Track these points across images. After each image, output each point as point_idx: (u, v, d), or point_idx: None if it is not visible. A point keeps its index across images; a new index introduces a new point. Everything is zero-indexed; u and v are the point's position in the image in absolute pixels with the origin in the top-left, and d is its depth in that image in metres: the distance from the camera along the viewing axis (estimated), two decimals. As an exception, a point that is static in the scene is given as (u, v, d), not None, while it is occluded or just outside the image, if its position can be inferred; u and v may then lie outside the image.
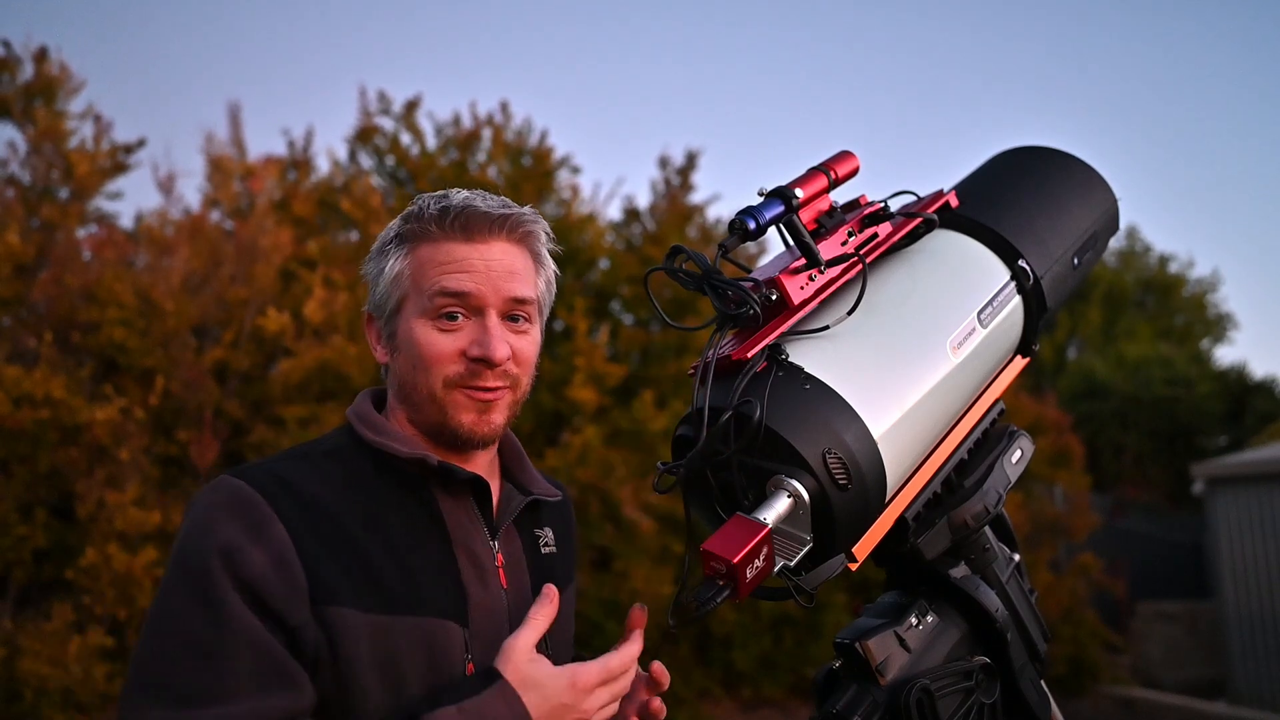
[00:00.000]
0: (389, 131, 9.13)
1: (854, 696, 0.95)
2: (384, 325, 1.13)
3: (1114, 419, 17.04)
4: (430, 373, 1.06)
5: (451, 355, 1.06)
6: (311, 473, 1.04)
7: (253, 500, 0.97)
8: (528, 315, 1.11)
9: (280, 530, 0.96)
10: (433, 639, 1.00)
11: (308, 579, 0.95)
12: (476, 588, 1.06)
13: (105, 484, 5.49)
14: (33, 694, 4.91)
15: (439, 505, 1.08)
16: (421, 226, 1.09)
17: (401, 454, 1.06)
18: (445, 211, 1.08)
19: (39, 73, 6.83)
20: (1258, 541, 9.13)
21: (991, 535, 1.10)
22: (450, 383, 1.06)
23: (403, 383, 1.10)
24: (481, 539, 1.09)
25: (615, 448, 7.34)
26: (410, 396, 1.09)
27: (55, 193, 6.77)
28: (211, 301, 6.64)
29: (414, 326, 1.07)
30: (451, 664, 1.00)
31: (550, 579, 1.15)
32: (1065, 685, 8.75)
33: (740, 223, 0.94)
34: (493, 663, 0.99)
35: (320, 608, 0.95)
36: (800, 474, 0.85)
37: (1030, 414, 9.54)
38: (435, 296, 1.06)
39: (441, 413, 1.07)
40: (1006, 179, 1.23)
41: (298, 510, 0.98)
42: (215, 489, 1.00)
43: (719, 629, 7.72)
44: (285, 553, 0.95)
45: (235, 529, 0.95)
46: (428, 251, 1.08)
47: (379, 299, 1.12)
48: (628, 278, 8.80)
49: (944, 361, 1.00)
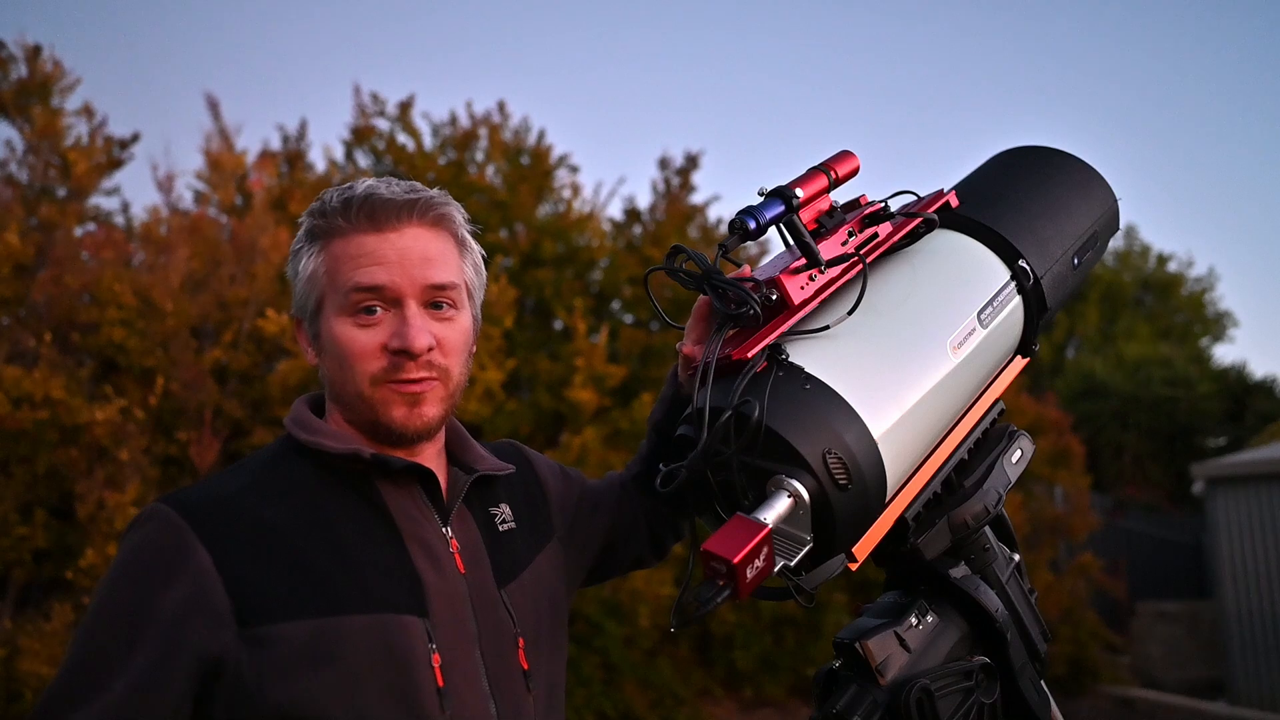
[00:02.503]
0: (385, 132, 9.13)
1: (854, 696, 0.95)
2: (308, 327, 1.10)
3: (1114, 419, 17.04)
4: (355, 371, 1.04)
5: (373, 351, 1.03)
6: (248, 486, 1.02)
7: (176, 530, 0.95)
8: (451, 301, 1.08)
9: (203, 558, 0.94)
10: (389, 635, 0.97)
11: (233, 601, 0.93)
12: (432, 576, 1.03)
13: (105, 484, 5.48)
14: (33, 694, 4.91)
15: (384, 498, 1.06)
16: (328, 222, 1.06)
17: (335, 450, 1.04)
18: (348, 203, 1.05)
19: (33, 70, 6.81)
20: (1258, 541, 9.13)
21: (991, 535, 1.10)
22: (376, 379, 1.04)
23: (332, 383, 1.08)
24: (433, 527, 1.07)
25: (615, 449, 7.34)
26: (341, 396, 1.07)
27: (53, 191, 6.76)
28: (211, 301, 6.64)
29: (334, 325, 1.05)
30: (415, 658, 0.98)
31: (512, 558, 1.14)
32: (1065, 685, 8.76)
33: (740, 222, 0.94)
34: (457, 651, 0.99)
35: (250, 629, 0.93)
36: (800, 474, 0.85)
37: (1030, 414, 9.54)
38: (350, 293, 1.03)
39: (372, 410, 1.05)
40: (1007, 179, 1.23)
41: (228, 529, 0.97)
42: (144, 521, 0.98)
43: (719, 629, 7.72)
44: (205, 581, 0.93)
45: (153, 569, 0.94)
46: (339, 247, 1.05)
47: (299, 301, 1.10)
48: (628, 278, 8.80)
49: (944, 361, 1.00)
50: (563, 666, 1.19)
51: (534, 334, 8.71)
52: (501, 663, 1.06)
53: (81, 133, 6.87)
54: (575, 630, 6.85)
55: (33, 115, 6.66)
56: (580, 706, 6.61)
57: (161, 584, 0.93)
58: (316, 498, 1.03)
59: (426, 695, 0.97)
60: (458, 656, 1.02)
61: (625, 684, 6.97)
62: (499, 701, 1.04)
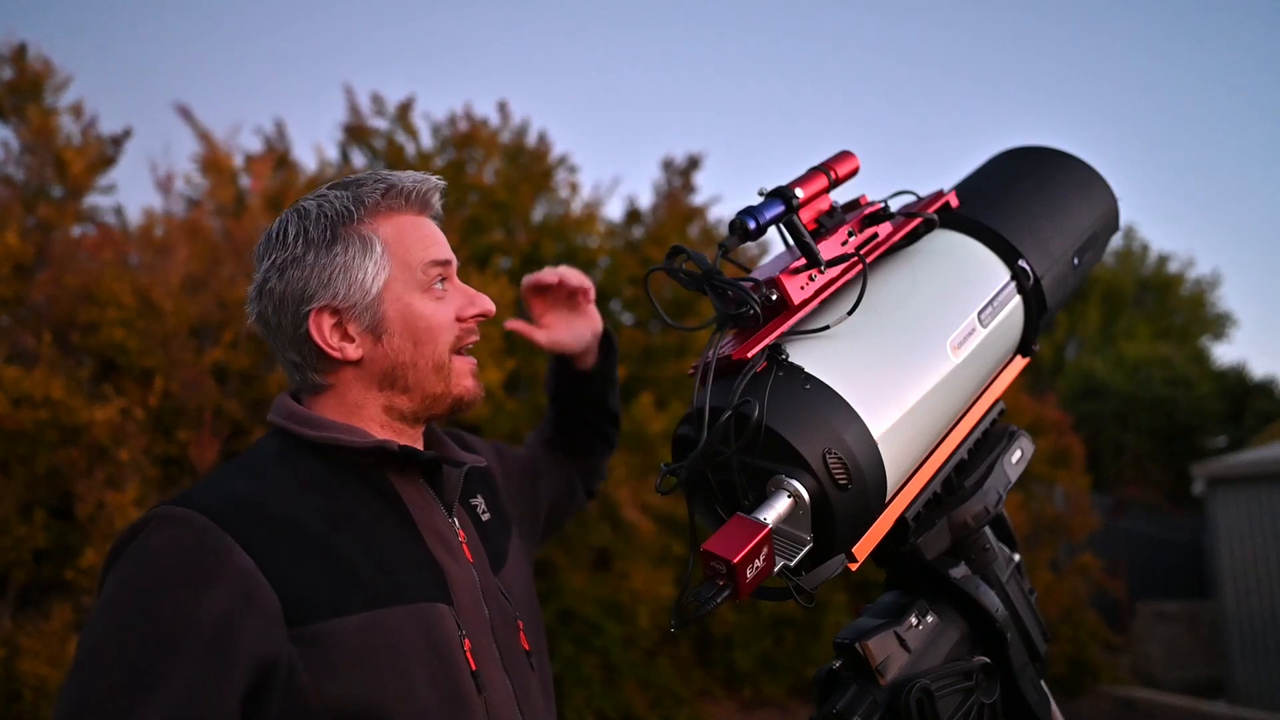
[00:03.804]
0: (384, 131, 9.12)
1: (854, 696, 0.95)
2: (361, 314, 1.06)
3: (1114, 419, 17.04)
4: (437, 343, 1.08)
5: (449, 322, 1.10)
6: (264, 485, 1.00)
7: (205, 532, 0.91)
8: None
9: (242, 559, 0.90)
10: (428, 623, 0.99)
11: (281, 601, 0.90)
12: (451, 565, 1.05)
13: (105, 484, 5.48)
14: (33, 694, 4.91)
15: (396, 490, 1.06)
16: (376, 205, 1.08)
17: (358, 445, 1.03)
18: (393, 188, 1.09)
19: (21, 70, 6.76)
20: (1258, 541, 9.13)
21: (991, 535, 1.10)
22: (453, 349, 1.09)
23: (396, 366, 1.07)
24: (441, 516, 1.09)
25: (615, 448, 7.33)
26: (405, 378, 1.07)
27: (49, 191, 6.75)
28: (210, 301, 6.63)
29: (413, 303, 1.07)
30: (450, 644, 1.00)
31: (498, 546, 1.19)
32: (1065, 685, 8.76)
33: (740, 223, 0.94)
34: (480, 637, 1.03)
35: (299, 628, 0.91)
36: (800, 474, 0.85)
37: (1030, 414, 9.54)
38: (428, 267, 1.08)
39: (447, 382, 1.09)
40: (1007, 179, 1.23)
41: (258, 529, 0.94)
42: (159, 524, 0.92)
43: (719, 629, 7.73)
44: (249, 583, 0.89)
45: (189, 573, 0.88)
46: (394, 228, 1.09)
47: (348, 292, 1.05)
48: (628, 278, 8.79)
49: (944, 361, 1.00)
50: (545, 645, 1.24)
51: (534, 334, 8.68)
52: (510, 645, 1.10)
53: (72, 131, 6.85)
54: (575, 630, 6.85)
55: (28, 115, 6.64)
56: (580, 706, 6.61)
57: (202, 588, 0.88)
58: (334, 493, 1.03)
59: (464, 679, 1.00)
60: (481, 642, 1.04)
61: (625, 684, 6.97)
62: (514, 681, 1.07)
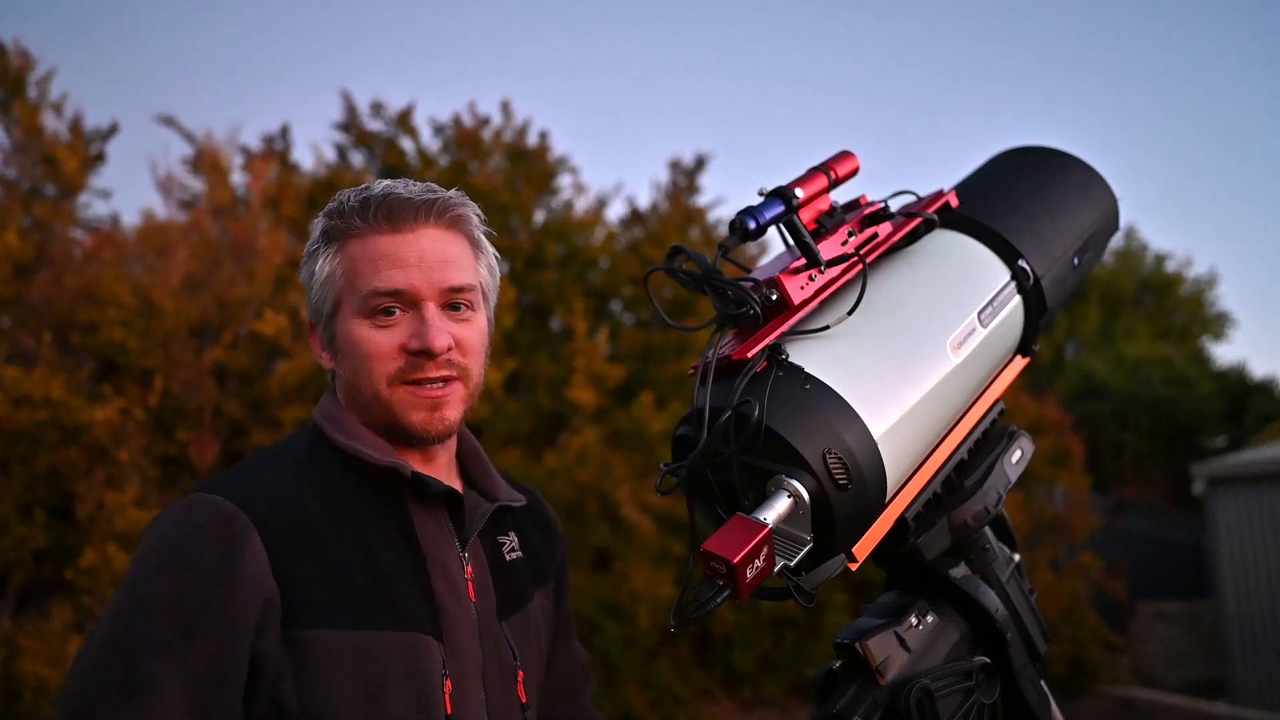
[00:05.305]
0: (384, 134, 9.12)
1: (854, 696, 0.95)
2: (323, 330, 1.08)
3: (1114, 419, 17.04)
4: (372, 372, 1.03)
5: (390, 351, 1.03)
6: (288, 481, 1.01)
7: (229, 516, 0.93)
8: (469, 303, 1.07)
9: (259, 547, 0.92)
10: (414, 654, 0.97)
11: (282, 600, 0.91)
12: (450, 602, 1.03)
13: (105, 484, 5.49)
14: (33, 694, 4.91)
15: (410, 516, 1.05)
16: (345, 223, 1.05)
17: (375, 461, 1.03)
18: (366, 204, 1.04)
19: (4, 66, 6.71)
20: (1258, 541, 9.13)
21: (991, 535, 1.09)
22: (393, 380, 1.03)
23: (349, 386, 1.07)
24: (453, 552, 1.06)
25: (614, 449, 7.34)
26: (358, 399, 1.06)
27: (43, 190, 6.73)
28: (210, 302, 6.63)
29: (351, 328, 1.04)
30: (430, 680, 0.98)
31: (517, 587, 1.14)
32: (1065, 685, 8.76)
33: (740, 223, 0.94)
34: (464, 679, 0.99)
35: (292, 631, 0.91)
36: (800, 474, 0.85)
37: (1030, 414, 9.54)
38: (369, 297, 1.02)
39: (390, 412, 1.04)
40: (1006, 179, 1.23)
41: (279, 525, 0.95)
42: (192, 507, 0.94)
43: (719, 629, 7.72)
44: (260, 574, 0.91)
45: (210, 551, 0.90)
46: (356, 248, 1.04)
47: (315, 304, 1.08)
48: (628, 278, 8.80)
49: (944, 361, 1.00)
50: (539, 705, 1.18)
51: (534, 334, 8.71)
52: (503, 694, 1.06)
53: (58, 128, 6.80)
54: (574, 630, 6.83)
55: (15, 112, 6.60)
56: (580, 707, 6.60)
57: (222, 567, 0.90)
58: (350, 505, 1.02)
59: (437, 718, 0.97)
60: (465, 684, 1.02)
61: (625, 684, 6.97)
62: None
